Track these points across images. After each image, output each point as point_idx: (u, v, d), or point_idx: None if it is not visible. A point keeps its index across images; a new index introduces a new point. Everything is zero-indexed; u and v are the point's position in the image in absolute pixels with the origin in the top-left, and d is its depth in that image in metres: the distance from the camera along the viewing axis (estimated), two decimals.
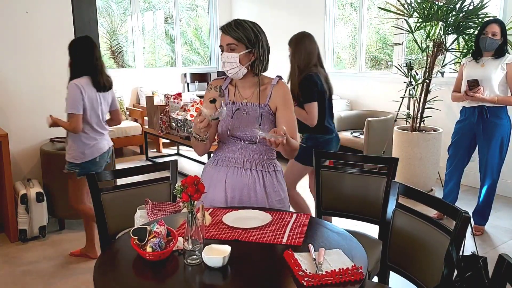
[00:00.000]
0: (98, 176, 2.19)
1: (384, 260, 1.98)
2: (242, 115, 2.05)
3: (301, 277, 1.40)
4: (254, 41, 1.96)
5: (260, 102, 2.04)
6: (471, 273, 1.52)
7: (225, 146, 2.10)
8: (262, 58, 1.99)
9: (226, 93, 2.10)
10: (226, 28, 1.95)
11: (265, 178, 2.06)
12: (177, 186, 1.57)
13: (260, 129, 1.99)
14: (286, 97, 2.07)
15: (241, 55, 1.95)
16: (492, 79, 3.47)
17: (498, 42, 3.45)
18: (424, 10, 4.22)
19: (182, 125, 5.08)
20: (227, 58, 1.96)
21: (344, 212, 2.51)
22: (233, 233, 1.74)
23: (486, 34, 3.44)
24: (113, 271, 1.54)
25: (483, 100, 3.48)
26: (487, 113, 3.52)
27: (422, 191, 1.91)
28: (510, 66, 3.45)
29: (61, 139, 3.88)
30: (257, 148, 2.05)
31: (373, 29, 6.63)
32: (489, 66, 3.50)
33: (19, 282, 2.99)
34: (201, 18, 8.90)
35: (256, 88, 2.05)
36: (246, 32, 1.94)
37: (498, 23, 3.46)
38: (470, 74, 3.54)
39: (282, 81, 2.09)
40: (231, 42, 1.94)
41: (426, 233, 1.76)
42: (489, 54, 3.52)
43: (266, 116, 2.04)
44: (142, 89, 7.23)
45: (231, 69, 1.97)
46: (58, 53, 3.91)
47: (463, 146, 3.73)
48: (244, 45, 1.95)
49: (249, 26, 1.96)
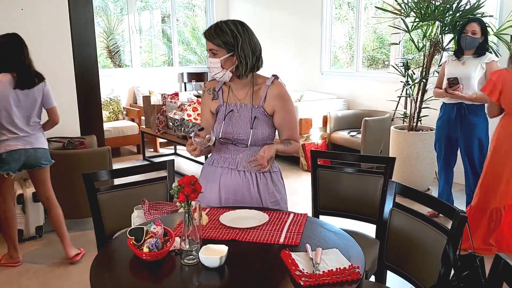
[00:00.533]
0: (95, 176, 2.19)
1: (381, 260, 1.98)
2: (235, 117, 2.04)
3: (298, 277, 1.39)
4: (233, 44, 1.94)
5: (254, 103, 2.03)
6: (468, 272, 1.52)
7: (221, 147, 2.11)
8: (244, 60, 1.96)
9: (220, 94, 2.10)
10: (206, 34, 1.96)
11: (258, 180, 2.06)
12: (174, 186, 1.57)
13: (252, 132, 2.00)
14: (284, 98, 2.05)
15: (222, 60, 1.95)
16: (471, 77, 3.56)
17: (479, 40, 3.52)
18: (421, 9, 4.22)
19: (179, 124, 5.07)
20: (210, 63, 1.98)
21: (341, 212, 2.51)
22: (230, 233, 1.73)
23: (466, 33, 3.53)
24: (110, 271, 1.54)
25: (462, 98, 3.56)
26: (465, 111, 3.60)
27: (419, 191, 1.91)
28: (489, 65, 3.53)
29: (58, 139, 3.87)
30: (250, 150, 2.05)
31: (370, 28, 6.64)
32: (470, 65, 3.59)
33: (15, 282, 2.98)
34: (198, 18, 8.89)
35: (250, 88, 2.05)
36: (225, 36, 1.93)
37: (478, 21, 3.54)
38: (452, 72, 3.63)
39: (278, 81, 2.07)
40: (212, 47, 1.96)
41: (423, 233, 1.76)
42: (470, 53, 3.60)
43: (261, 118, 2.03)
44: (139, 89, 7.22)
45: (216, 74, 2.00)
46: (54, 53, 3.90)
47: (446, 143, 3.81)
48: (225, 49, 1.94)
49: (228, 30, 1.93)
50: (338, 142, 5.50)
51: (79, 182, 2.21)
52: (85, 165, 3.53)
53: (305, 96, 6.23)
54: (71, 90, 4.02)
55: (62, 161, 3.60)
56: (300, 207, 4.13)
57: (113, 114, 6.62)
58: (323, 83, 6.47)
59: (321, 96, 6.12)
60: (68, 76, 3.98)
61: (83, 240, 3.58)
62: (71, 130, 4.04)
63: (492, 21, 4.30)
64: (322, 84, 6.46)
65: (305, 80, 6.67)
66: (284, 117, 2.05)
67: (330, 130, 5.59)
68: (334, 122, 5.58)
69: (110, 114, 6.57)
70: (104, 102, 6.40)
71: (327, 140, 5.58)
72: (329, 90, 6.27)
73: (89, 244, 3.46)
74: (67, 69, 3.97)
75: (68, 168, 3.58)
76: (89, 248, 3.40)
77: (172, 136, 5.32)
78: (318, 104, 5.74)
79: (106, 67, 8.57)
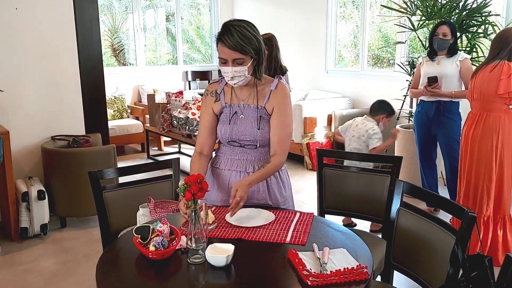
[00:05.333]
0: (101, 174, 2.18)
1: (388, 260, 1.97)
2: (239, 119, 2.00)
3: (306, 277, 1.38)
4: (259, 49, 1.89)
5: (258, 103, 1.99)
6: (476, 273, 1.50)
7: (227, 149, 2.07)
8: (263, 63, 1.93)
9: (222, 96, 2.05)
10: (230, 43, 1.82)
11: (269, 182, 2.03)
12: (181, 184, 1.56)
13: (260, 133, 1.97)
14: (284, 101, 2.00)
15: (249, 67, 1.89)
16: (447, 75, 3.68)
17: (449, 42, 3.66)
18: (427, 8, 4.20)
19: (184, 123, 5.07)
20: (235, 72, 1.87)
21: (348, 211, 2.50)
22: (236, 232, 1.73)
23: (437, 35, 3.67)
24: (116, 270, 1.53)
25: (442, 95, 3.68)
26: (444, 108, 3.73)
27: (427, 190, 1.90)
28: (463, 63, 3.66)
29: (63, 137, 3.87)
30: (258, 150, 2.02)
31: (375, 27, 6.61)
32: (444, 64, 3.71)
33: (20, 280, 2.98)
34: (202, 16, 8.88)
35: (253, 88, 2.01)
36: (252, 43, 1.85)
37: (448, 24, 3.68)
38: (429, 72, 3.75)
39: (282, 83, 2.02)
40: (239, 57, 1.84)
41: (431, 232, 1.74)
42: (443, 53, 3.73)
43: (265, 119, 2.00)
44: (144, 87, 7.21)
45: (239, 82, 1.92)
46: (59, 51, 3.90)
47: (425, 137, 3.92)
48: (250, 56, 1.87)
49: (252, 35, 1.85)
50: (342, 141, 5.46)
51: (84, 180, 2.20)
52: (90, 163, 3.53)
53: (310, 95, 6.21)
54: (76, 88, 4.02)
55: (67, 159, 3.61)
56: (306, 206, 4.12)
57: (118, 113, 6.62)
58: (327, 81, 6.45)
59: (325, 95, 6.10)
60: (73, 74, 3.99)
61: (87, 238, 3.59)
62: (76, 128, 4.05)
63: (498, 19, 4.28)
64: (327, 83, 6.44)
65: (310, 79, 6.65)
66: (279, 119, 1.99)
67: (335, 129, 5.57)
68: (338, 121, 5.55)
69: (114, 113, 6.57)
70: (108, 101, 6.39)
71: (331, 139, 5.56)
72: (333, 89, 6.25)
73: (94, 242, 3.47)
74: (72, 67, 3.97)
75: (73, 166, 3.59)
76: (95, 246, 3.40)
77: (177, 134, 5.32)
78: (322, 102, 5.72)
79: (111, 65, 8.57)
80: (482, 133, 3.06)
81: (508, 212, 3.14)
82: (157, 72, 7.72)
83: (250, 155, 2.03)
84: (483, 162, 3.07)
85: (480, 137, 3.07)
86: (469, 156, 3.15)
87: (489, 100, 3.03)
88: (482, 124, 3.06)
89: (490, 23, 4.10)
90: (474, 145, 3.11)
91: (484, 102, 3.06)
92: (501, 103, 3.00)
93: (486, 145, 3.05)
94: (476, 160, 3.11)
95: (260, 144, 2.00)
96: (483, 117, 3.06)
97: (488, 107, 3.05)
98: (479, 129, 3.07)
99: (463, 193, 3.22)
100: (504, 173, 3.06)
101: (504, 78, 2.93)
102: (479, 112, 3.10)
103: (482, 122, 3.07)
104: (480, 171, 3.09)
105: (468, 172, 3.16)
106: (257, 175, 1.92)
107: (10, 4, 3.66)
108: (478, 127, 3.08)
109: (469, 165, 3.16)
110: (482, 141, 3.06)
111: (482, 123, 3.06)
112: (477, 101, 3.10)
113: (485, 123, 3.05)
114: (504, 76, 2.93)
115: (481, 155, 3.08)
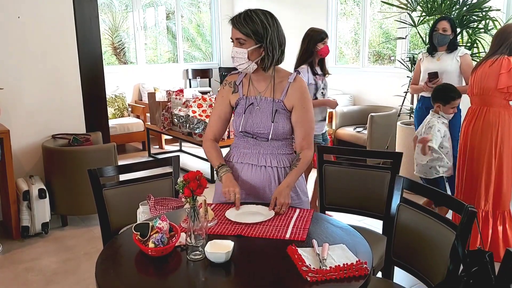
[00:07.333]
0: (100, 171, 2.18)
1: (389, 256, 1.96)
2: (255, 110, 2.00)
3: (305, 273, 1.38)
4: (262, 35, 1.88)
5: (275, 96, 1.99)
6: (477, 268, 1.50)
7: (240, 141, 2.08)
8: (271, 53, 1.91)
9: (240, 87, 2.06)
10: (235, 21, 1.88)
11: (280, 175, 2.02)
12: (179, 181, 1.56)
13: (273, 126, 1.96)
14: (304, 95, 2.00)
15: (250, 51, 1.88)
16: (448, 71, 3.67)
17: (449, 37, 3.64)
18: (428, 3, 4.19)
19: (184, 121, 5.06)
20: (236, 53, 1.90)
21: (348, 208, 2.49)
22: (236, 228, 1.72)
23: (437, 31, 3.65)
24: (115, 267, 1.53)
25: None
26: None
27: (427, 186, 1.89)
28: (463, 58, 3.65)
29: (64, 135, 3.88)
30: (271, 144, 2.02)
31: (375, 23, 6.59)
32: (444, 60, 3.70)
33: (21, 279, 2.99)
34: (202, 14, 8.87)
35: (271, 80, 2.00)
36: (255, 26, 1.86)
37: (447, 19, 3.66)
38: (429, 68, 3.74)
39: (300, 77, 2.02)
40: (239, 37, 1.88)
41: (431, 228, 1.74)
42: (442, 49, 3.71)
43: (281, 112, 1.99)
44: (144, 86, 7.22)
45: (240, 65, 1.92)
46: (59, 49, 3.90)
47: None
48: (253, 40, 1.87)
49: (258, 20, 1.87)
50: (344, 138, 5.47)
51: (85, 179, 2.20)
52: (90, 162, 3.52)
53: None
54: (76, 87, 4.02)
55: (68, 157, 3.61)
56: None
57: (118, 111, 6.62)
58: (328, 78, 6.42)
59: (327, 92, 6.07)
60: (73, 73, 3.99)
61: (89, 236, 3.59)
62: (77, 127, 4.05)
63: (499, 14, 4.26)
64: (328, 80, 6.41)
65: None
66: (302, 115, 2.00)
67: (336, 126, 5.56)
68: (340, 118, 5.55)
69: (115, 111, 6.57)
70: (109, 99, 6.40)
71: (332, 136, 5.55)
72: (334, 86, 6.23)
73: (95, 241, 3.48)
74: (72, 66, 3.97)
75: (74, 165, 3.59)
76: (96, 245, 3.41)
77: (177, 132, 5.32)
78: None
79: (111, 64, 8.57)
80: (481, 128, 3.05)
81: (508, 208, 3.13)
82: (157, 71, 7.72)
83: (262, 148, 2.02)
84: (483, 157, 3.06)
85: (479, 132, 3.06)
86: (469, 151, 3.14)
87: (489, 95, 3.02)
88: (482, 119, 3.05)
89: (490, 18, 4.08)
90: (473, 140, 3.10)
91: (484, 97, 3.05)
92: (501, 98, 2.99)
93: (485, 140, 3.04)
94: (475, 155, 3.10)
95: (272, 137, 1.99)
96: (483, 112, 3.05)
97: (488, 102, 3.04)
98: (479, 124, 3.06)
99: (461, 188, 3.21)
100: (503, 168, 3.05)
101: (503, 72, 2.91)
102: (479, 107, 3.09)
103: (482, 117, 3.05)
104: (479, 166, 3.08)
105: (468, 167, 3.15)
106: (292, 176, 1.96)
107: (10, 4, 3.66)
108: (478, 122, 3.07)
109: (468, 160, 3.15)
110: (482, 136, 3.05)
111: (482, 118, 3.05)
112: (477, 96, 3.09)
113: (484, 118, 3.04)
114: (503, 71, 2.92)
115: (480, 150, 3.07)
